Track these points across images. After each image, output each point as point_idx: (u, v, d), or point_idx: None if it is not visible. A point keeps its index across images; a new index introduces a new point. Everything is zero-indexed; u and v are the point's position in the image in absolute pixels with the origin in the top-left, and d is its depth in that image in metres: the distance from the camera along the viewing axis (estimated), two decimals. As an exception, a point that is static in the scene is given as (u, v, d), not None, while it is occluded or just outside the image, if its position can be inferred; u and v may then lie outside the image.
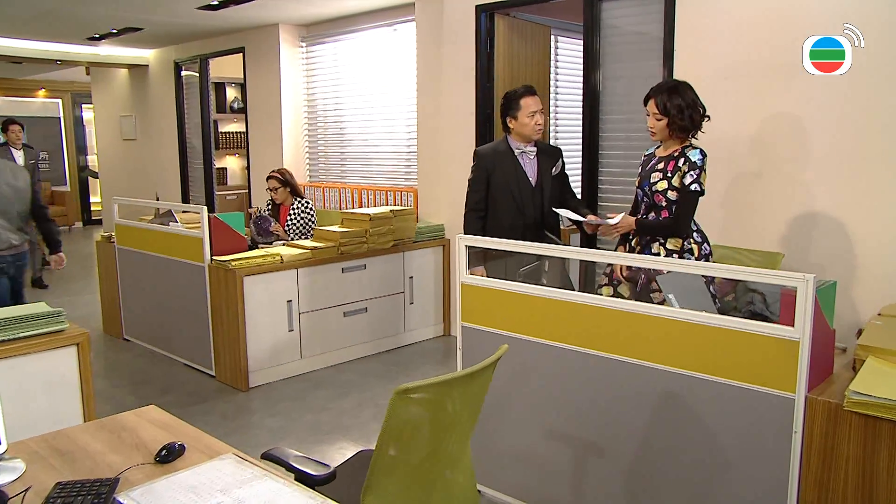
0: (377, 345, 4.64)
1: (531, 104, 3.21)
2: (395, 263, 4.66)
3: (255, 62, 6.49)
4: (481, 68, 4.65)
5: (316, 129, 6.38)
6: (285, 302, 4.10)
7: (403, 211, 4.69)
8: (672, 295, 2.34)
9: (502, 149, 3.30)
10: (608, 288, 2.88)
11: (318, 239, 4.43)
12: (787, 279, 1.89)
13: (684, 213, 2.74)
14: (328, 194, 5.96)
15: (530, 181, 3.27)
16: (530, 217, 3.23)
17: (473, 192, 3.29)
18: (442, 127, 4.96)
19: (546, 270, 2.93)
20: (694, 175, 2.72)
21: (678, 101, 2.72)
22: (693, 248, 2.78)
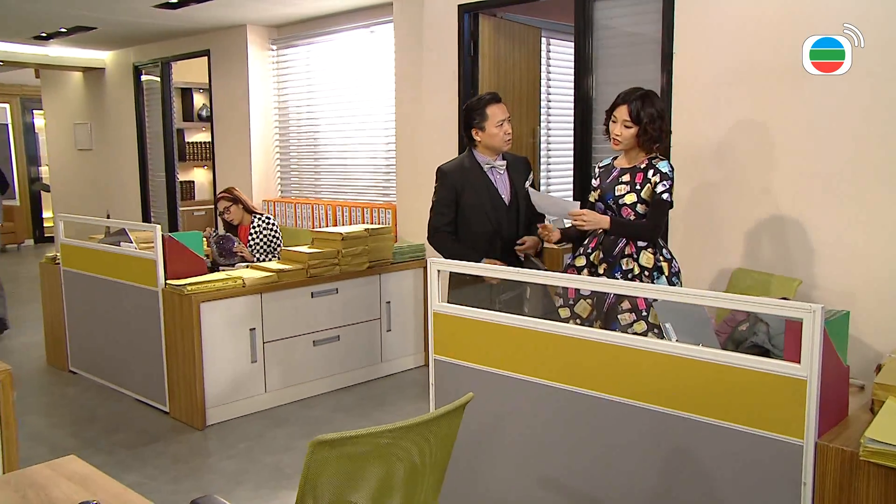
0: (350, 377, 4.60)
1: (499, 112, 3.18)
2: (370, 287, 4.64)
3: (221, 66, 6.47)
4: (465, 74, 4.66)
5: (288, 139, 6.37)
6: (248, 330, 4.07)
7: (380, 230, 4.67)
8: (669, 324, 2.28)
9: (469, 164, 3.25)
10: (565, 309, 2.88)
11: (284, 260, 4.40)
12: (789, 309, 1.81)
13: (659, 220, 2.78)
14: (300, 211, 5.92)
15: (503, 199, 3.23)
16: (508, 239, 3.20)
17: (440, 214, 3.23)
18: (422, 138, 4.96)
19: (528, 298, 2.92)
20: (666, 185, 2.77)
21: (651, 109, 2.75)
22: (663, 266, 2.80)
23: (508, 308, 2.88)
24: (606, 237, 2.89)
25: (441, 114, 4.79)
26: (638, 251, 2.82)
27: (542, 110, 5.42)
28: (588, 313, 2.85)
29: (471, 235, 3.22)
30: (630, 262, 2.82)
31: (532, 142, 5.22)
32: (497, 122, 3.17)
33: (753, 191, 3.46)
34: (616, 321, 2.79)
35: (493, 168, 3.25)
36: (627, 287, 2.44)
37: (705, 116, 3.57)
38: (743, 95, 3.45)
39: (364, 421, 4.02)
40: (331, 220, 5.69)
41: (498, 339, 2.46)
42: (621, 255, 2.84)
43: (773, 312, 1.86)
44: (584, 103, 4.09)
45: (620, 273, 2.83)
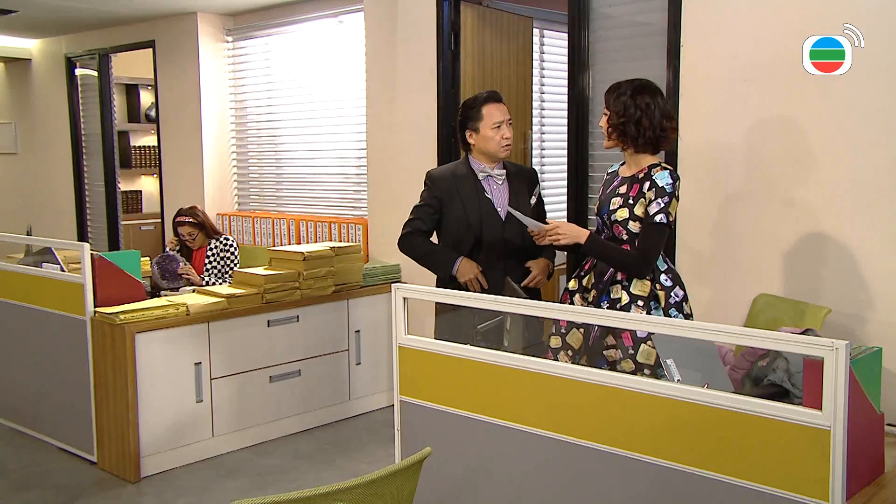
0: (313, 417, 4.56)
1: (496, 113, 3.18)
2: (336, 314, 4.61)
3: (168, 60, 6.44)
4: (444, 70, 4.65)
5: (245, 144, 6.34)
6: (192, 365, 4.04)
7: (348, 248, 4.66)
8: (671, 361, 2.22)
9: (462, 172, 3.26)
10: (556, 338, 2.88)
11: (237, 284, 4.37)
12: (806, 345, 1.74)
13: (650, 249, 2.71)
14: (259, 226, 5.88)
15: (498, 213, 3.22)
16: (505, 256, 3.20)
17: (416, 219, 3.27)
18: (397, 143, 4.96)
19: (508, 329, 2.88)
20: (661, 203, 2.70)
21: (624, 98, 2.75)
22: (659, 296, 2.74)
23: (486, 340, 2.87)
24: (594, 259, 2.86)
25: (417, 116, 4.78)
26: (630, 277, 2.77)
27: (535, 112, 5.45)
28: (580, 345, 2.83)
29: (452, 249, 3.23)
30: (619, 290, 2.77)
31: (523, 147, 5.20)
32: (493, 123, 3.16)
33: (775, 204, 3.45)
34: (601, 357, 2.75)
35: (489, 177, 3.24)
36: (607, 318, 2.39)
37: (718, 118, 3.56)
38: (762, 94, 3.43)
39: (328, 470, 3.97)
40: (294, 237, 5.67)
41: (473, 378, 2.43)
42: (611, 281, 2.80)
43: (784, 349, 1.78)
44: (579, 103, 4.07)
45: (607, 302, 2.79)
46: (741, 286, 3.52)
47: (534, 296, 3.16)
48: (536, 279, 3.17)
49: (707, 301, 3.60)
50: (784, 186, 3.42)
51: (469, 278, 3.12)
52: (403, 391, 2.61)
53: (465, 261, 3.15)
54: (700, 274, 3.63)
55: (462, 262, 3.15)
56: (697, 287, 3.59)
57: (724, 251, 3.60)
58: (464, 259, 3.16)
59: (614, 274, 2.80)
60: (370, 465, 4.02)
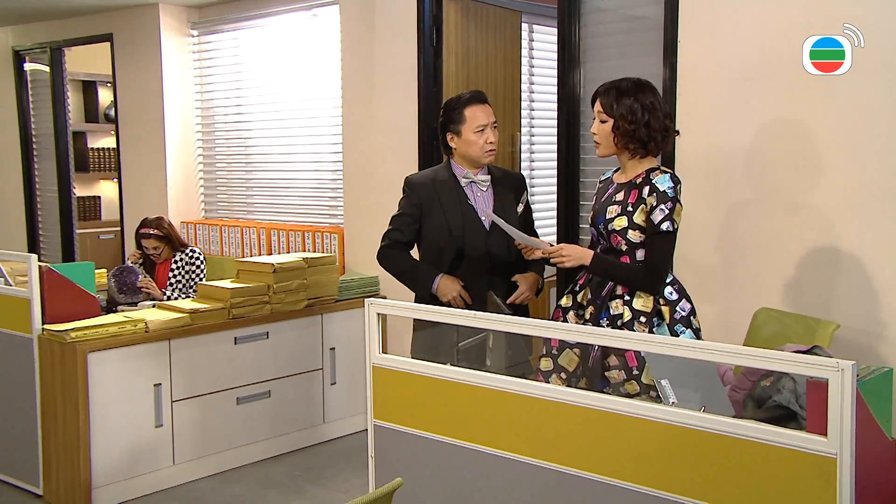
0: (284, 442, 4.54)
1: (479, 115, 3.17)
2: (309, 330, 4.60)
3: (128, 55, 6.39)
4: (426, 68, 4.66)
5: (213, 147, 6.31)
6: (151, 386, 4.01)
7: (322, 259, 4.66)
8: (665, 382, 2.22)
9: (443, 177, 3.27)
10: (547, 360, 2.88)
11: (201, 298, 4.35)
12: (809, 366, 1.73)
13: (660, 261, 2.73)
14: (227, 235, 5.86)
15: (482, 222, 3.22)
16: (489, 268, 3.20)
17: (394, 230, 3.28)
18: (375, 146, 4.96)
19: (490, 347, 2.88)
20: (665, 210, 2.71)
21: (628, 101, 2.74)
22: (663, 311, 2.74)
23: (467, 359, 2.87)
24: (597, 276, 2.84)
25: (397, 117, 4.78)
26: (632, 291, 2.76)
27: (524, 112, 5.46)
28: (575, 366, 2.81)
29: (432, 264, 3.23)
30: (619, 306, 2.76)
31: (511, 151, 5.21)
32: (476, 127, 3.16)
33: (780, 211, 3.46)
34: (604, 380, 2.74)
35: (472, 183, 3.24)
36: (606, 337, 2.38)
37: (718, 119, 3.57)
38: (765, 93, 3.44)
39: (298, 500, 3.94)
40: (264, 247, 5.66)
41: (453, 400, 2.43)
42: (610, 296, 2.78)
43: (783, 369, 1.77)
44: (569, 103, 4.08)
45: (607, 319, 2.78)
46: (744, 300, 3.52)
47: (521, 313, 3.15)
48: (523, 295, 3.16)
49: (707, 316, 3.59)
50: (789, 193, 3.43)
51: (451, 297, 3.11)
52: (378, 415, 2.60)
53: (445, 278, 3.14)
54: (699, 287, 3.61)
55: (442, 279, 3.14)
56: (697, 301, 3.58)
57: (726, 262, 3.60)
58: (444, 276, 3.15)
59: (613, 288, 2.79)
60: (345, 495, 3.99)
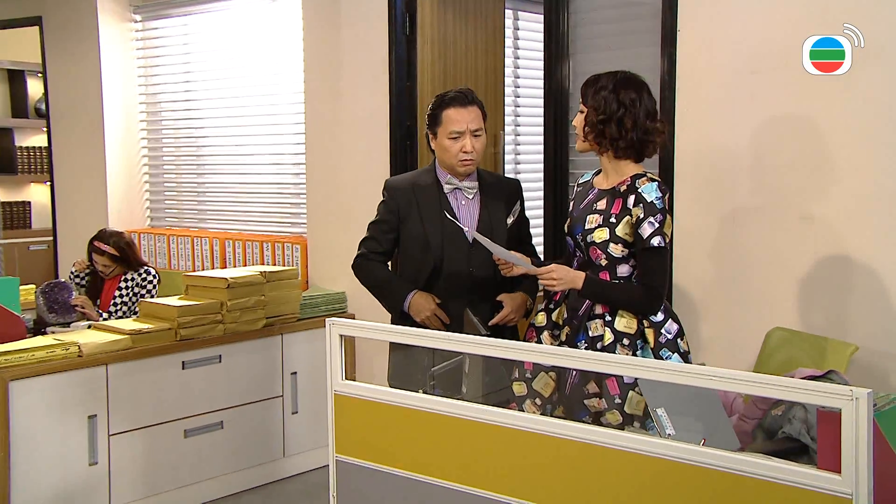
0: (239, 479, 4.52)
1: (457, 120, 3.16)
2: (268, 353, 4.60)
3: (60, 41, 6.33)
4: (398, 60, 4.66)
5: (160, 147, 6.29)
6: (85, 419, 3.96)
7: (282, 273, 4.65)
8: (662, 410, 2.25)
9: (425, 181, 3.28)
10: (520, 384, 2.90)
11: (144, 317, 4.32)
12: (819, 394, 1.73)
13: (658, 280, 2.77)
14: (177, 247, 5.85)
15: (464, 234, 3.22)
16: (470, 286, 3.22)
17: (370, 239, 3.31)
18: (342, 147, 4.95)
19: (466, 373, 2.89)
20: (655, 223, 2.74)
21: (605, 93, 2.78)
22: (647, 333, 2.77)
23: (442, 385, 2.88)
24: (573, 291, 2.86)
25: (366, 115, 4.78)
26: (613, 310, 2.78)
27: (509, 109, 5.47)
28: (551, 391, 2.84)
29: (409, 278, 3.26)
30: (599, 327, 2.78)
31: (494, 152, 5.23)
32: (451, 133, 3.16)
33: (790, 220, 3.47)
34: (582, 408, 2.76)
35: (457, 190, 3.25)
36: (582, 360, 2.39)
37: (722, 117, 3.58)
38: (774, 88, 3.46)
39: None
40: (217, 260, 5.64)
41: (425, 432, 2.44)
42: (588, 316, 2.80)
43: (792, 397, 1.77)
44: (557, 99, 4.10)
45: (586, 341, 2.80)
46: (750, 319, 3.53)
47: (507, 337, 3.14)
48: (508, 317, 3.15)
49: (710, 338, 3.60)
50: (800, 199, 3.44)
51: (425, 316, 3.11)
52: (341, 448, 2.61)
53: (419, 295, 3.15)
54: (701, 305, 3.64)
55: (415, 296, 3.15)
56: (697, 321, 3.60)
57: (730, 278, 3.61)
58: (418, 293, 3.16)
59: (591, 307, 2.81)
60: (308, 537, 3.96)
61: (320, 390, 4.65)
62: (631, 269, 2.81)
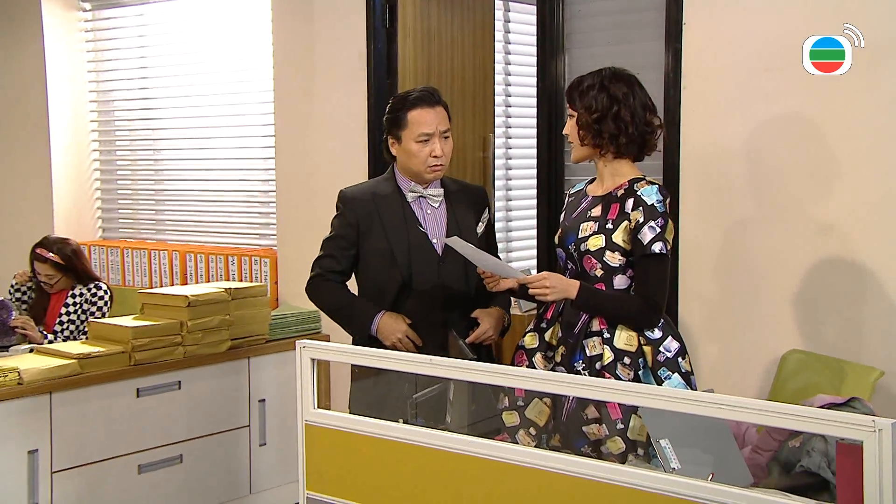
0: None
1: (425, 121, 3.19)
2: (233, 378, 4.59)
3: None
4: (377, 54, 4.69)
5: (113, 150, 6.29)
6: (25, 454, 3.91)
7: (249, 289, 4.64)
8: (666, 442, 2.26)
9: (386, 191, 3.31)
10: (511, 414, 2.91)
11: (94, 339, 4.29)
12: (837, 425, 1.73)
13: (657, 290, 2.80)
14: (132, 261, 5.85)
15: (433, 246, 3.25)
16: (443, 305, 3.24)
17: (327, 257, 3.34)
18: (316, 151, 4.97)
19: (451, 400, 2.89)
20: (656, 228, 2.77)
21: (594, 92, 2.81)
22: (645, 351, 2.79)
23: (423, 415, 2.88)
24: (568, 306, 2.88)
25: (343, 115, 4.80)
26: (612, 328, 2.80)
27: (499, 110, 5.49)
28: (546, 419, 2.85)
29: (371, 297, 3.28)
30: (597, 345, 2.80)
31: (482, 156, 5.24)
32: (419, 135, 3.18)
33: (806, 229, 3.50)
34: (581, 436, 2.77)
35: (421, 198, 3.28)
36: (587, 386, 2.39)
37: (732, 119, 3.61)
38: (789, 87, 3.49)
39: None
40: (177, 275, 5.63)
41: (406, 466, 2.44)
42: (585, 334, 2.82)
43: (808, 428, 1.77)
44: (551, 99, 4.12)
45: (583, 361, 2.82)
46: (763, 340, 3.55)
47: (483, 357, 3.17)
48: (486, 335, 3.17)
49: (718, 361, 3.61)
50: (817, 208, 3.47)
51: (396, 339, 3.13)
52: (312, 485, 2.61)
53: (387, 316, 3.17)
54: (708, 325, 3.65)
55: (384, 317, 3.17)
56: (703, 341, 3.61)
57: (740, 293, 3.63)
58: (386, 314, 3.17)
59: (588, 323, 2.83)
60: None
61: (291, 419, 4.66)
62: (629, 281, 2.84)
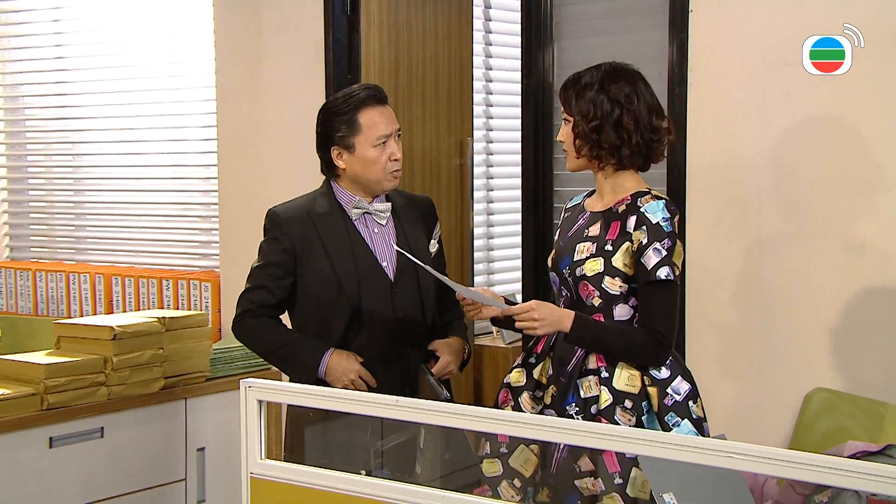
0: None
1: (381, 122, 3.23)
2: (167, 424, 4.60)
3: None
4: (337, 46, 4.70)
5: (22, 156, 6.30)
6: None
7: (187, 319, 4.66)
8: (670, 497, 2.27)
9: (324, 208, 3.33)
10: (493, 462, 2.93)
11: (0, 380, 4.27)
12: (874, 479, 1.74)
13: (665, 322, 2.81)
14: (46, 286, 5.82)
15: (384, 271, 3.29)
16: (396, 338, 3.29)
17: (258, 289, 3.36)
18: (266, 157, 4.99)
19: (422, 448, 2.90)
20: (662, 251, 2.79)
21: (592, 93, 2.83)
22: (650, 393, 2.80)
23: (390, 464, 2.89)
24: (561, 339, 2.89)
25: (296, 117, 4.79)
26: (611, 365, 2.81)
27: (479, 110, 5.52)
28: (533, 470, 2.87)
29: (313, 332, 3.31)
30: (593, 385, 2.81)
31: (459, 164, 5.27)
32: (377, 138, 3.21)
33: (834, 249, 3.53)
34: (573, 490, 2.78)
35: (367, 215, 3.31)
36: (581, 432, 2.37)
37: (747, 120, 3.64)
38: (815, 84, 3.51)
39: None
40: (101, 302, 5.61)
41: None
42: (580, 372, 2.83)
43: (838, 483, 1.79)
44: (538, 97, 4.15)
45: (576, 404, 2.83)
46: (784, 377, 3.58)
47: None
48: (446, 369, 3.22)
49: (732, 402, 3.62)
50: (846, 224, 3.50)
51: (348, 380, 3.15)
52: None
53: (336, 355, 3.19)
54: (721, 358, 3.68)
55: (332, 357, 3.18)
56: (717, 378, 3.62)
57: (757, 324, 3.65)
58: (335, 352, 3.19)
59: (583, 360, 2.84)
60: None
61: (235, 472, 4.63)
62: (631, 311, 2.85)
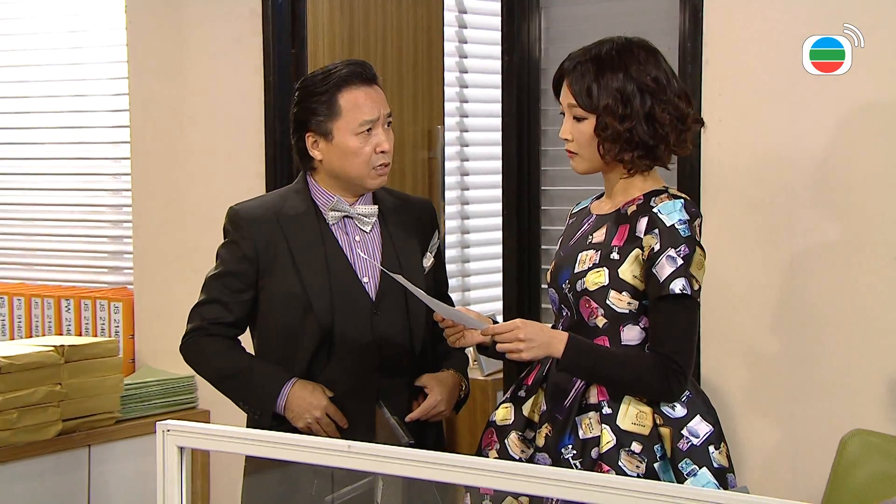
0: None
1: (365, 105, 3.25)
2: (66, 477, 4.65)
3: None
4: (278, 16, 4.75)
5: None
6: None
7: (92, 347, 4.71)
8: None
9: (297, 209, 3.36)
10: None
11: None
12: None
13: (679, 346, 2.81)
14: None
15: (364, 289, 3.33)
16: (375, 370, 3.31)
17: (213, 303, 3.37)
18: (190, 150, 5.03)
19: (379, 501, 2.90)
20: (678, 259, 2.79)
21: (618, 80, 2.82)
22: (662, 435, 2.81)
23: None
24: (554, 368, 2.92)
25: (227, 100, 4.86)
26: (615, 400, 2.83)
27: (451, 92, 5.60)
28: None
29: (275, 358, 3.33)
30: (594, 424, 2.83)
31: (427, 158, 5.32)
32: (360, 125, 3.23)
33: (882, 262, 3.55)
34: None
35: (347, 219, 3.34)
36: (578, 484, 2.37)
37: (772, 106, 3.67)
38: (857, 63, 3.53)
39: None
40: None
41: None
42: (579, 408, 2.85)
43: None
44: (521, 76, 4.20)
45: (573, 446, 2.84)
46: (820, 417, 3.60)
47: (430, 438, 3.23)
48: (435, 409, 3.22)
49: (760, 446, 3.64)
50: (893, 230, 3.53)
51: (313, 418, 3.17)
52: None
53: (299, 387, 3.20)
54: (746, 396, 3.70)
55: (294, 389, 3.20)
56: (740, 419, 3.64)
57: (789, 352, 3.67)
58: (298, 383, 3.21)
59: (583, 393, 2.86)
60: None
61: (150, 532, 4.72)
62: (643, 334, 2.86)
